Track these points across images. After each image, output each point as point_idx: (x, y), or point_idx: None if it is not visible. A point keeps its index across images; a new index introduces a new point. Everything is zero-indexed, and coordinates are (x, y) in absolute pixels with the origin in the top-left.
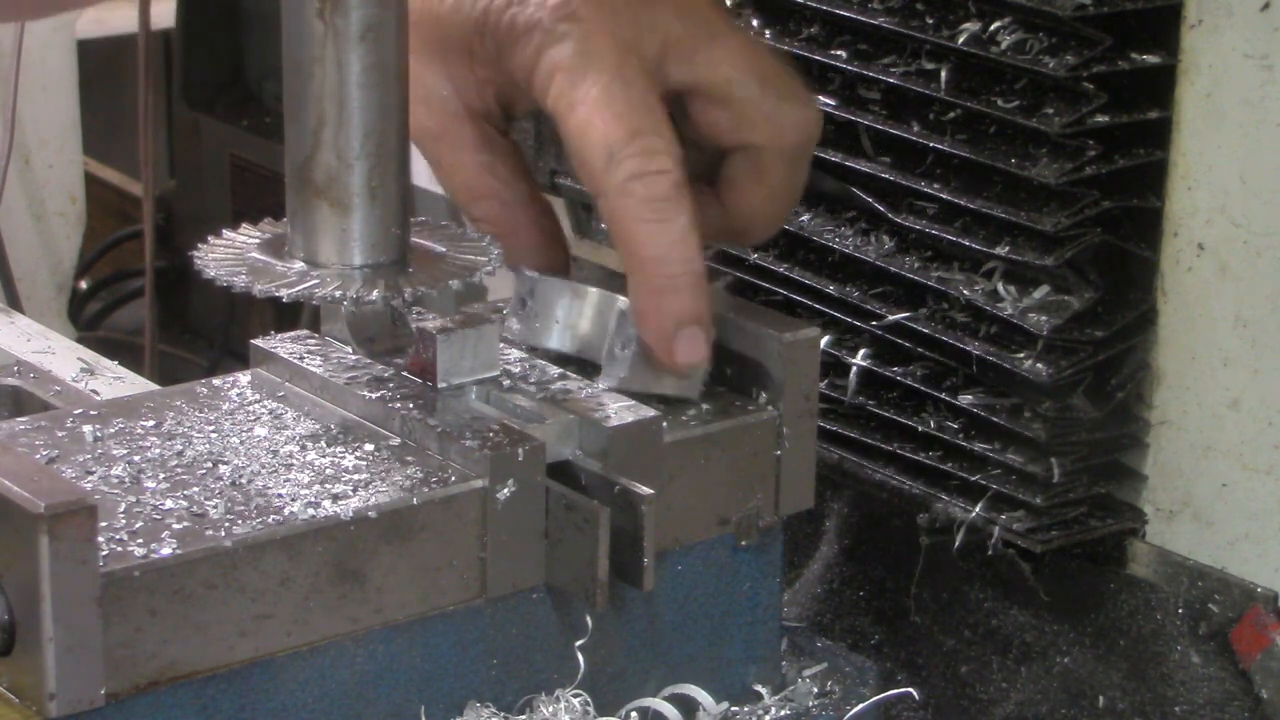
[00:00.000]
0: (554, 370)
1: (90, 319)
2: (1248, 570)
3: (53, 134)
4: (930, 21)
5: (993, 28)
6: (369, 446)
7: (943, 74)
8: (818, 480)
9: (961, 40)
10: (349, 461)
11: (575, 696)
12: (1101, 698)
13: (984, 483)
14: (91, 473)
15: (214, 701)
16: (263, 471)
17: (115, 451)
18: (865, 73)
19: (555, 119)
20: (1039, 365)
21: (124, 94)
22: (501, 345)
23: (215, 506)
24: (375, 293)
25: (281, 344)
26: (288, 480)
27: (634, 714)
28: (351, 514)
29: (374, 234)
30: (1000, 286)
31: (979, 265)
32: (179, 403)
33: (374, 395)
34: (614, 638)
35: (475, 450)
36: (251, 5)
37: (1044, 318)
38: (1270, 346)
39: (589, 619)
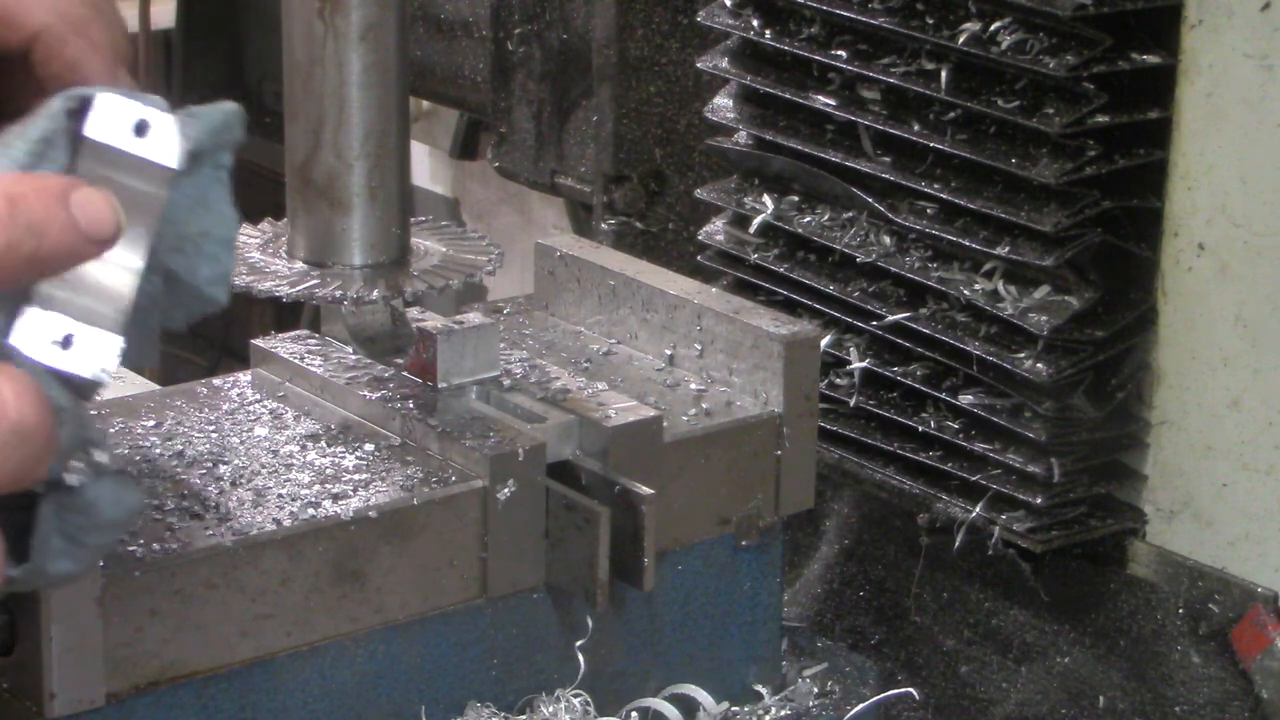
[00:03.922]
0: (554, 370)
1: None
2: (1248, 570)
3: None
4: (930, 21)
5: (993, 28)
6: (369, 446)
7: (943, 74)
8: (818, 480)
9: (961, 40)
10: (349, 461)
11: (575, 696)
12: (1101, 698)
13: (984, 483)
14: None
15: (214, 701)
16: (263, 471)
17: (115, 451)
18: (865, 73)
19: None
20: (1039, 365)
21: None
22: (502, 345)
23: (215, 506)
24: (375, 293)
25: (281, 344)
26: (288, 480)
27: (634, 714)
28: (351, 514)
29: (374, 234)
30: (1000, 286)
31: (979, 265)
32: (179, 403)
33: (374, 395)
34: (614, 638)
35: (475, 450)
36: (251, 5)
37: (1044, 318)
38: (1270, 346)
39: (589, 619)
